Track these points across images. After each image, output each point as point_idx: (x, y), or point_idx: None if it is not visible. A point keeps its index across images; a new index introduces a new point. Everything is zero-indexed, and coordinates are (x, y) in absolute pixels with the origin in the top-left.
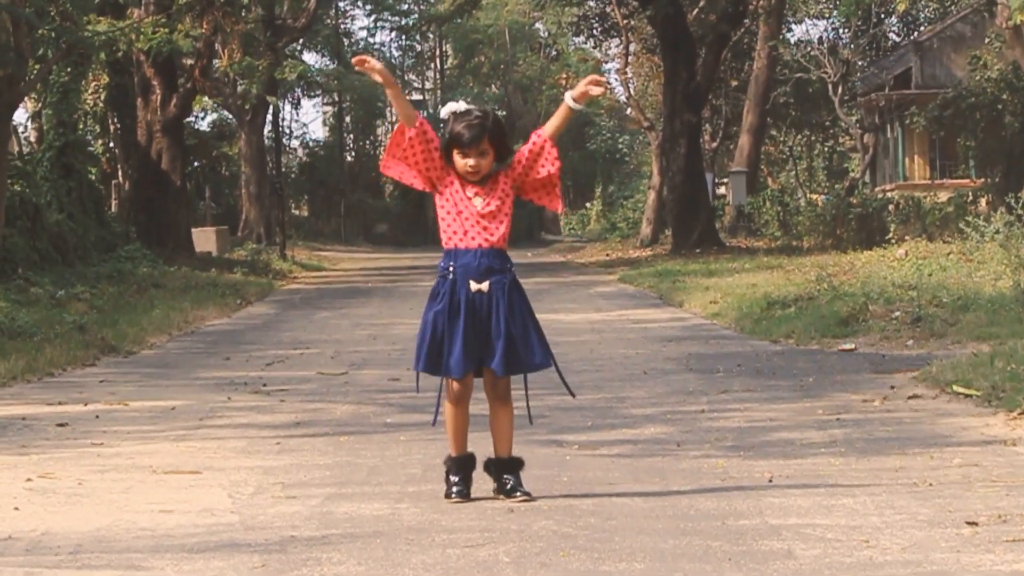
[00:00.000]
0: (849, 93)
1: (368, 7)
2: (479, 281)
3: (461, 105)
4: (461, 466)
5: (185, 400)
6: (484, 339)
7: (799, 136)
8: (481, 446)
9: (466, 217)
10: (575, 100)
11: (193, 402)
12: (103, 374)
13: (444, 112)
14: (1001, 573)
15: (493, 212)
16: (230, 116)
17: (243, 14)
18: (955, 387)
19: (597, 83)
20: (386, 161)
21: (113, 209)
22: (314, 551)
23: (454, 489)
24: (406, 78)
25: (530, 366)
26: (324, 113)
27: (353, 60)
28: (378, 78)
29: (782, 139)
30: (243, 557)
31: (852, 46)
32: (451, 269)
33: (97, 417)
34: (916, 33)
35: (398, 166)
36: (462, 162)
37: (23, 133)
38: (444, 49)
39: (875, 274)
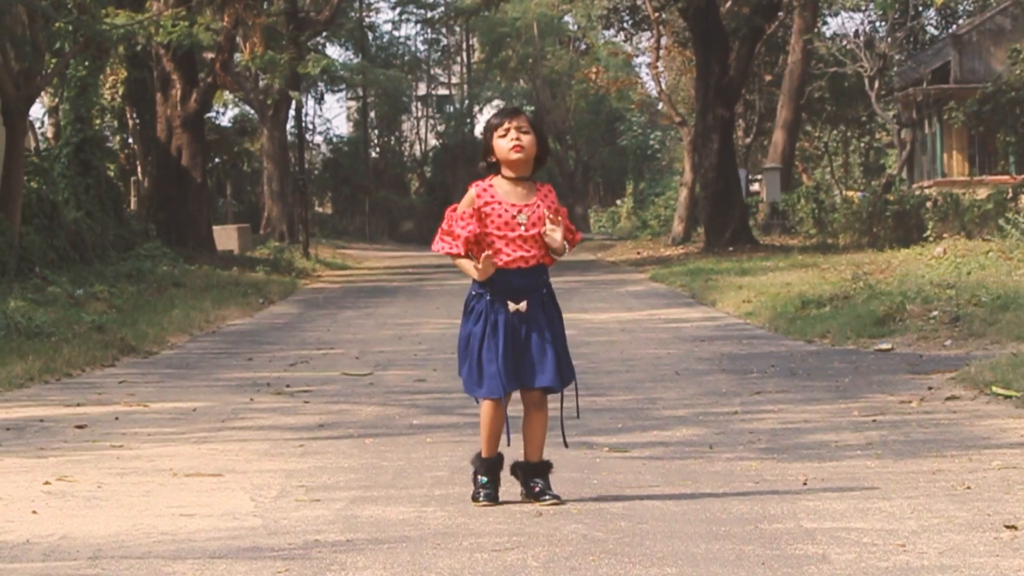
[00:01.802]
0: (886, 88)
1: (393, 0)
2: (516, 300)
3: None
4: (490, 467)
5: (206, 401)
6: (523, 357)
7: (834, 132)
8: (513, 449)
9: (509, 238)
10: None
11: (215, 403)
12: (122, 375)
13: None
14: None
15: (535, 234)
16: (252, 111)
17: (265, 7)
18: (994, 388)
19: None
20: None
21: (132, 206)
22: (338, 556)
23: (482, 492)
24: (432, 72)
25: (568, 380)
26: (348, 108)
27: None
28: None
29: (817, 135)
30: (266, 562)
31: (889, 39)
32: (487, 287)
33: (116, 419)
34: (955, 26)
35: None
36: (504, 142)
37: (40, 129)
38: (471, 43)
39: (912, 273)
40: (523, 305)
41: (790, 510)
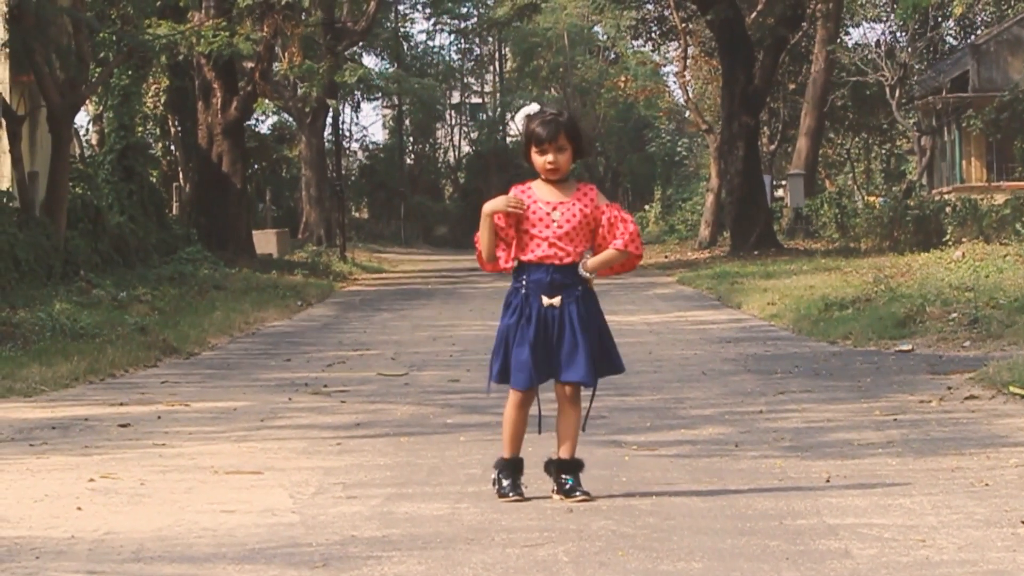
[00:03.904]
0: (906, 96)
1: (428, 10)
2: (550, 296)
3: (534, 107)
4: (513, 468)
5: (246, 401)
6: (555, 352)
7: (856, 139)
8: (541, 447)
9: (544, 235)
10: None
11: (254, 403)
12: (165, 375)
13: (518, 118)
14: None
15: (569, 232)
16: (290, 119)
17: (303, 17)
18: (1012, 388)
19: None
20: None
21: (174, 211)
22: (375, 551)
23: (511, 489)
24: (465, 81)
25: (607, 371)
26: (383, 116)
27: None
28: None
29: (840, 142)
30: (304, 557)
31: (909, 49)
32: (523, 282)
33: (159, 418)
34: (973, 36)
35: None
36: (541, 160)
37: (84, 136)
38: (503, 52)
39: (932, 276)
40: (556, 300)
41: (813, 506)
